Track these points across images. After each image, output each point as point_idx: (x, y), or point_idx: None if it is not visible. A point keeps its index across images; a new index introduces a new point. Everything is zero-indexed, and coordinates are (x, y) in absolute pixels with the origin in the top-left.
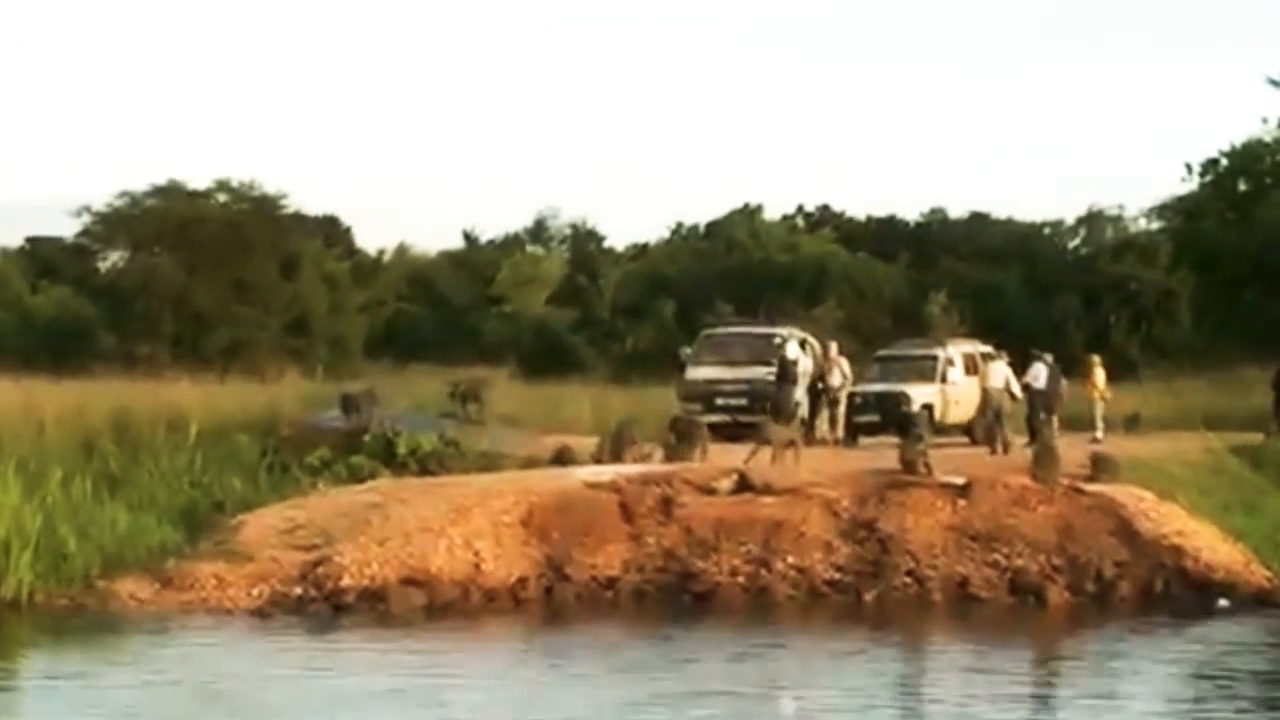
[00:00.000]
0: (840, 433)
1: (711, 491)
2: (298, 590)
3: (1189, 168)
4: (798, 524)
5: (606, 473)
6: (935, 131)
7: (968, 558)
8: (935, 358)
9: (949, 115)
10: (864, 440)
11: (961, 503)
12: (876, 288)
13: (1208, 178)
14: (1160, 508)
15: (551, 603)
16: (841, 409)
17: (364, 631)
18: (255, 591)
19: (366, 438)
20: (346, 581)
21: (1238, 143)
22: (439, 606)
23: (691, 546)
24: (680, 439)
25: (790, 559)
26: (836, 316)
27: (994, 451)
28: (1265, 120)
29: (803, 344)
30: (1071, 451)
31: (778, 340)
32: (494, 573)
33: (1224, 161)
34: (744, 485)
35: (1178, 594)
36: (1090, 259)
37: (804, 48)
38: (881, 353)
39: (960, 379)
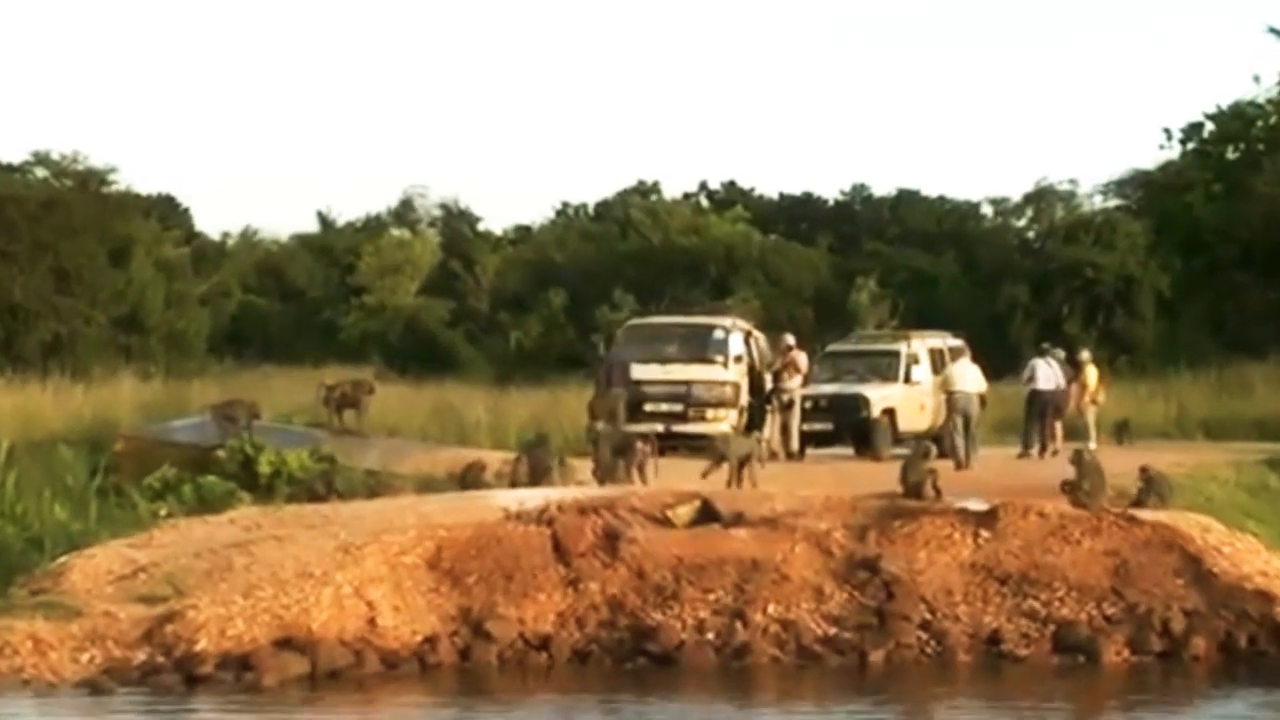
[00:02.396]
0: (794, 444)
1: (667, 523)
2: (140, 655)
3: (1168, 133)
4: (779, 564)
5: (533, 499)
6: (854, 98)
7: (997, 605)
8: (897, 354)
9: (869, 79)
10: (812, 452)
11: (985, 535)
12: (795, 275)
13: (1190, 145)
14: (1235, 541)
15: (468, 668)
16: (797, 416)
17: (227, 709)
18: (85, 658)
19: (220, 453)
20: (203, 644)
21: (1224, 104)
22: (324, 675)
23: (645, 594)
24: (616, 454)
25: (771, 609)
26: (751, 308)
27: (958, 466)
28: (1258, 79)
29: (748, 337)
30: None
31: (719, 333)
32: (394, 630)
33: (1209, 126)
34: (708, 514)
35: (1267, 651)
36: (1038, 242)
37: (701, 6)
38: (832, 348)
39: (927, 379)
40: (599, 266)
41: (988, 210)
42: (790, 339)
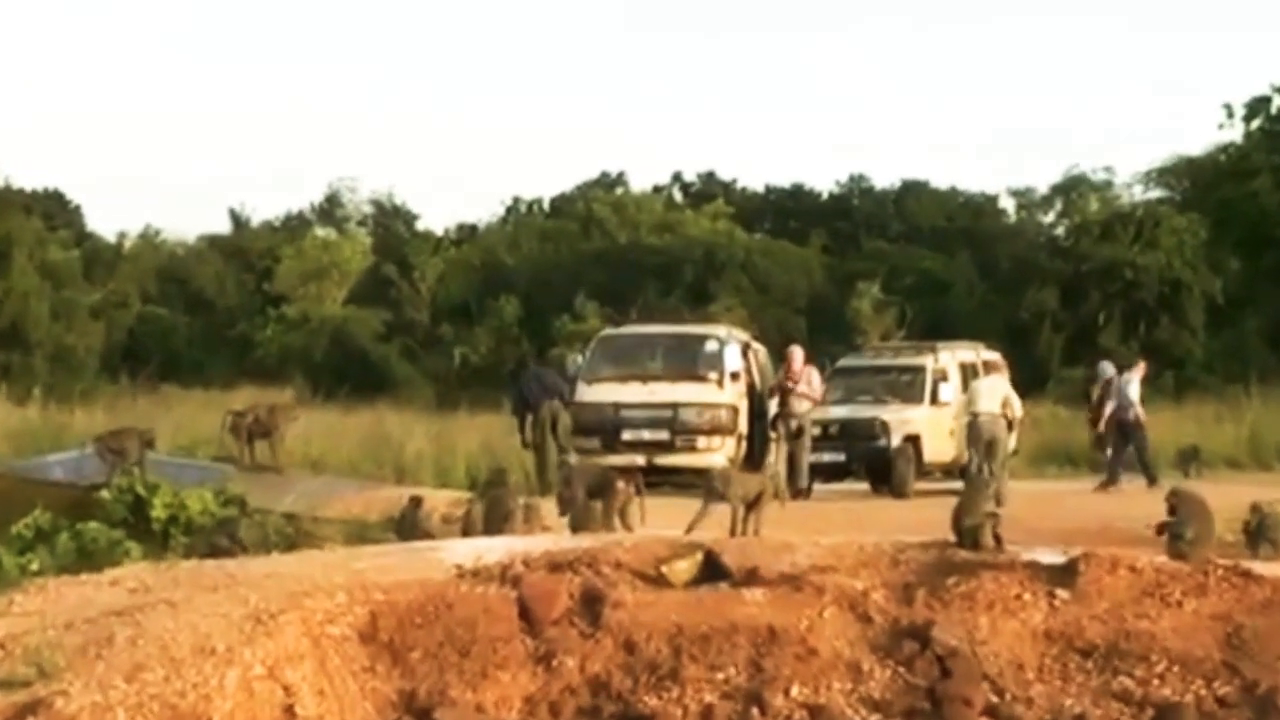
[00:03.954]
0: (804, 481)
1: (662, 581)
2: None
3: (1228, 111)
4: (804, 633)
5: (492, 552)
6: (851, 75)
7: (1080, 685)
8: (921, 369)
9: (868, 53)
10: (819, 488)
11: (1062, 595)
12: (785, 279)
13: (1256, 123)
14: None
15: None
16: (806, 445)
17: None
18: None
19: (105, 494)
20: None
21: None
22: None
23: (636, 673)
24: (591, 495)
25: (796, 691)
26: (736, 317)
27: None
28: None
29: (746, 350)
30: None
31: (711, 345)
32: None
33: (1278, 101)
34: (712, 570)
35: None
36: (1068, 240)
37: None
38: (844, 363)
39: (957, 399)
40: (557, 271)
41: (1008, 204)
42: (797, 352)
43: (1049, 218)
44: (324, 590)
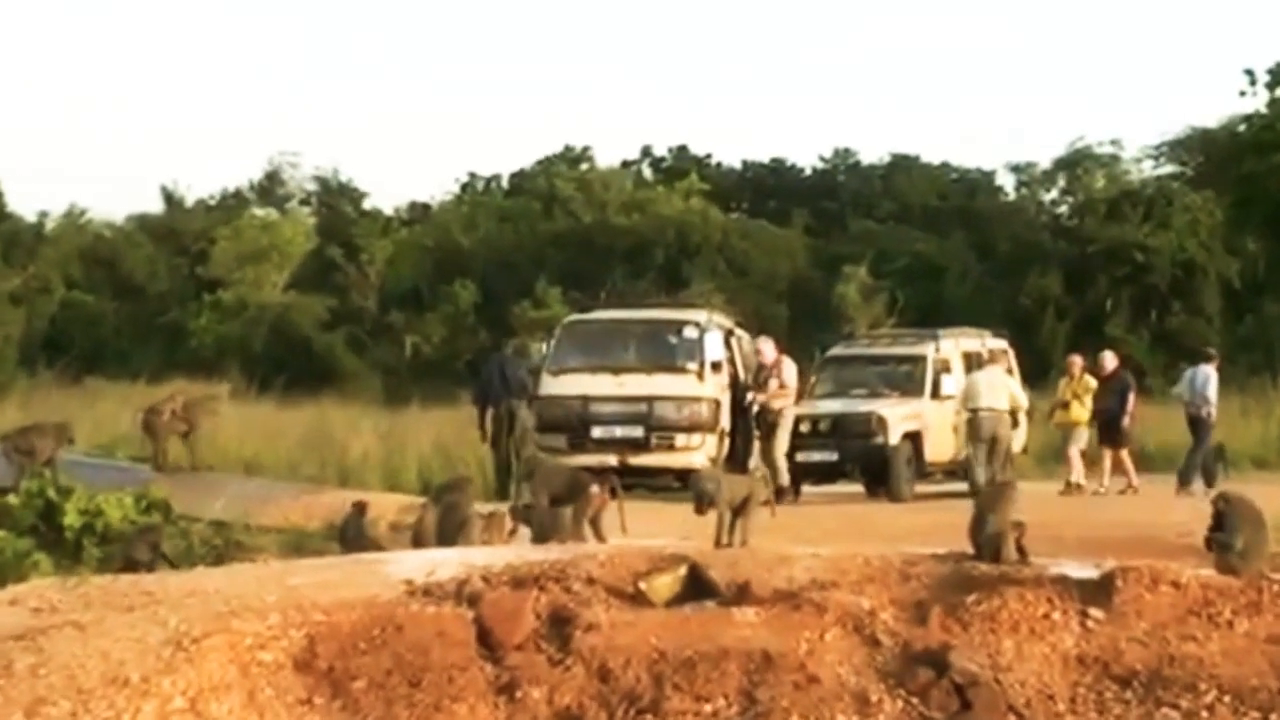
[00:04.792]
0: (784, 478)
1: (640, 599)
2: None
3: (1250, 76)
4: (803, 659)
5: (447, 566)
6: (835, 40)
7: (1118, 717)
8: (921, 359)
9: (853, 20)
10: (809, 491)
11: (1096, 615)
12: (765, 262)
13: None
14: None
15: None
16: (783, 443)
17: None
18: None
19: (12, 498)
20: None
21: None
22: None
23: (611, 704)
24: (554, 502)
25: None
26: (717, 300)
27: None
28: None
29: (728, 338)
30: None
31: (691, 332)
32: None
33: None
34: (698, 586)
35: None
36: (1073, 219)
37: None
38: (835, 352)
39: (961, 393)
40: (517, 254)
41: (1007, 180)
42: (768, 342)
43: (1051, 195)
44: (255, 610)
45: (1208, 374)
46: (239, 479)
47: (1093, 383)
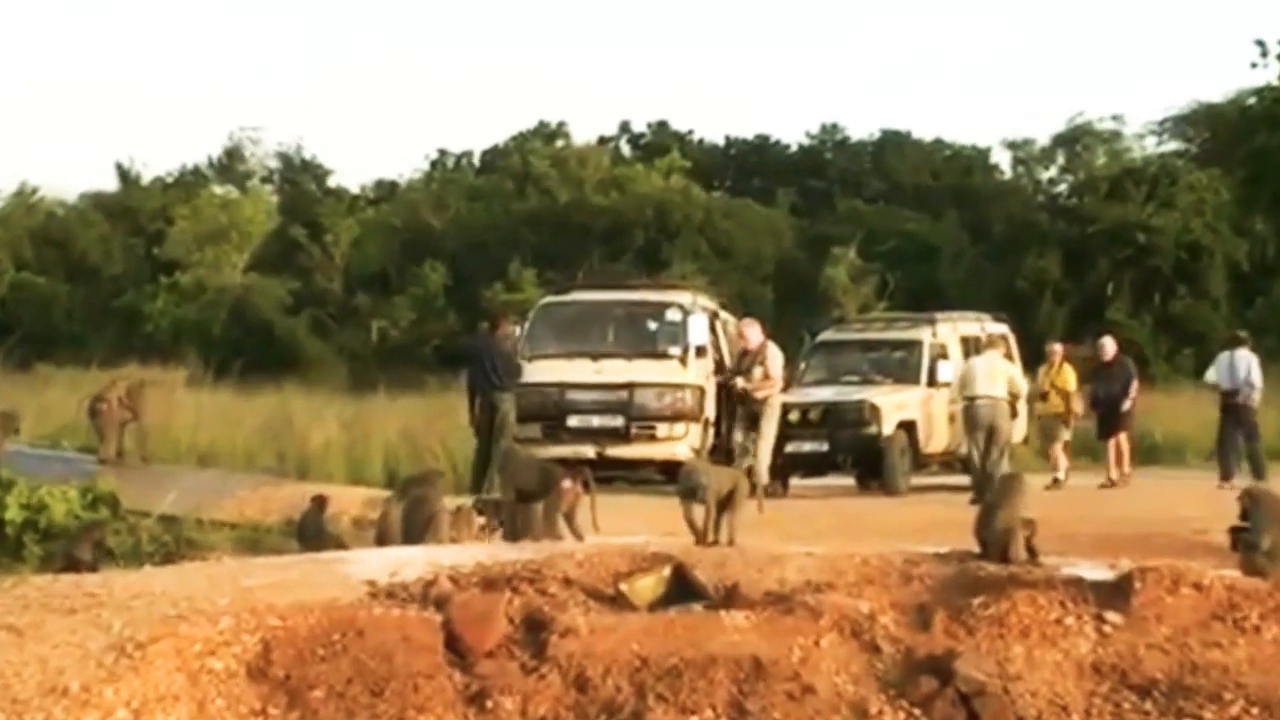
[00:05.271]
0: (763, 473)
1: (621, 601)
2: None
3: (1262, 48)
4: (797, 667)
5: (413, 566)
6: (823, 13)
7: None
8: (917, 344)
9: None
10: (798, 484)
11: (1113, 619)
12: (749, 242)
13: None
14: None
15: None
16: (769, 435)
17: None
18: None
19: None
20: None
21: None
22: None
23: (590, 715)
24: (524, 497)
25: None
26: (701, 282)
27: (977, 499)
28: None
29: (714, 321)
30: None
31: (674, 315)
32: None
33: None
34: (683, 588)
35: None
36: (1072, 198)
37: None
38: (826, 337)
39: (959, 380)
40: (489, 234)
41: (1003, 158)
42: (754, 328)
43: (1049, 174)
44: (205, 614)
45: (1249, 359)
46: (192, 471)
47: (1071, 373)
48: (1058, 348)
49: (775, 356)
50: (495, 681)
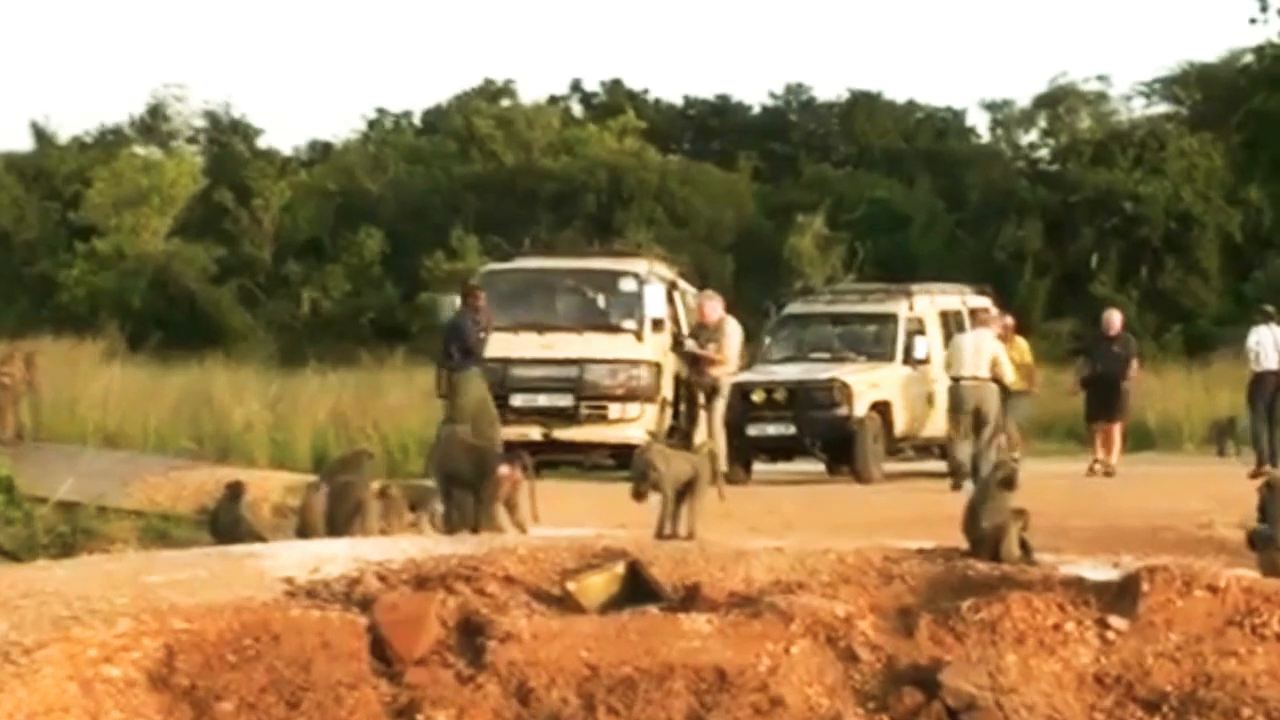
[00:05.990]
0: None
1: (569, 602)
2: None
3: (1261, 2)
4: (765, 677)
5: (336, 561)
6: None
7: None
8: (892, 318)
9: None
10: (762, 469)
11: (1118, 625)
12: (709, 209)
13: None
14: None
15: None
16: (720, 414)
17: None
18: None
19: None
20: None
21: None
22: None
23: None
24: (457, 484)
25: None
26: (654, 251)
27: (956, 485)
28: None
29: (671, 291)
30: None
31: (628, 284)
32: None
33: None
34: (638, 588)
35: None
36: (1054, 164)
37: None
38: (793, 309)
39: (938, 356)
40: (429, 199)
41: (980, 120)
42: (715, 301)
43: (1030, 138)
44: (102, 615)
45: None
46: (97, 452)
47: (1024, 345)
48: (1008, 320)
49: (734, 334)
50: (426, 692)
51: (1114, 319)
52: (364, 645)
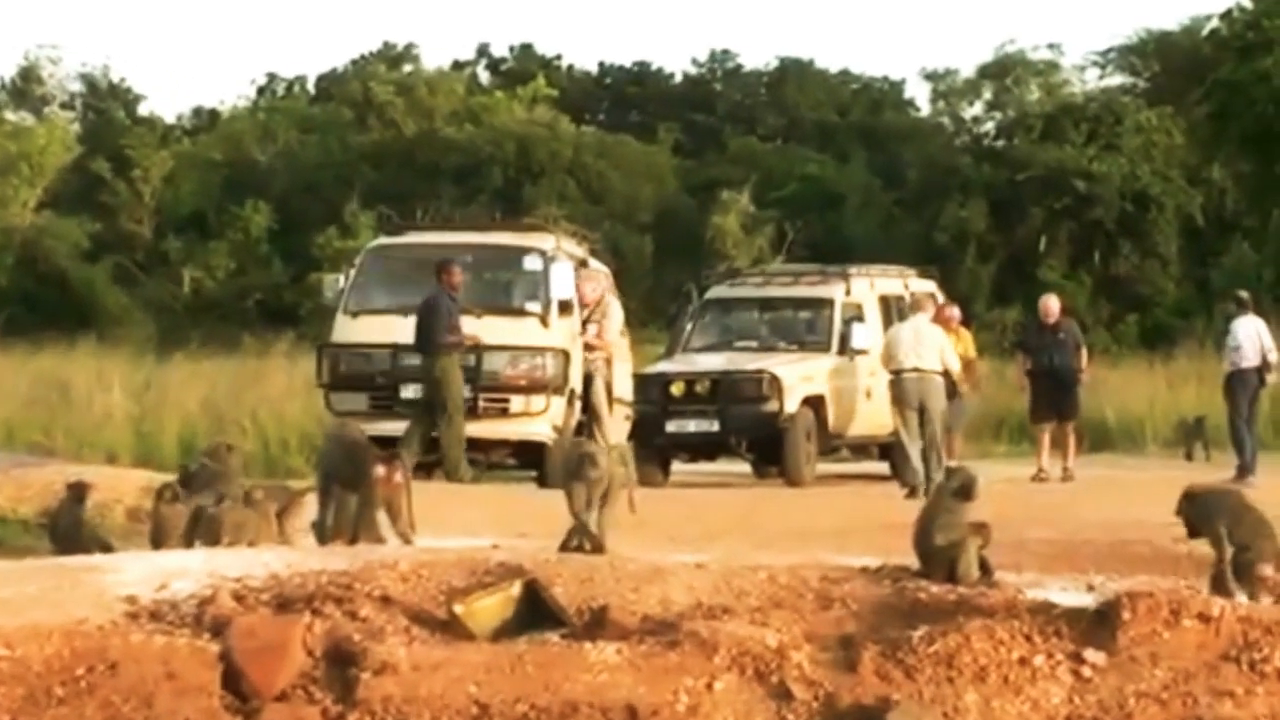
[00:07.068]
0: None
1: (455, 627)
2: None
3: None
4: (683, 716)
5: (187, 576)
6: None
7: None
8: (827, 304)
9: None
10: (681, 469)
11: (1095, 659)
12: (625, 185)
13: None
14: None
15: None
16: (602, 403)
17: None
18: None
19: None
20: None
21: None
22: None
23: None
24: (342, 481)
25: None
26: (562, 226)
27: (911, 493)
28: None
29: (580, 268)
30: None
31: (532, 262)
32: None
33: None
34: (536, 611)
35: None
36: (1000, 140)
37: None
38: (716, 293)
39: (878, 345)
40: (322, 171)
41: (919, 92)
42: (595, 280)
43: (974, 111)
44: None
45: (1261, 325)
46: None
47: (969, 338)
48: (955, 311)
49: (614, 315)
50: None
51: (1051, 304)
52: (215, 677)
